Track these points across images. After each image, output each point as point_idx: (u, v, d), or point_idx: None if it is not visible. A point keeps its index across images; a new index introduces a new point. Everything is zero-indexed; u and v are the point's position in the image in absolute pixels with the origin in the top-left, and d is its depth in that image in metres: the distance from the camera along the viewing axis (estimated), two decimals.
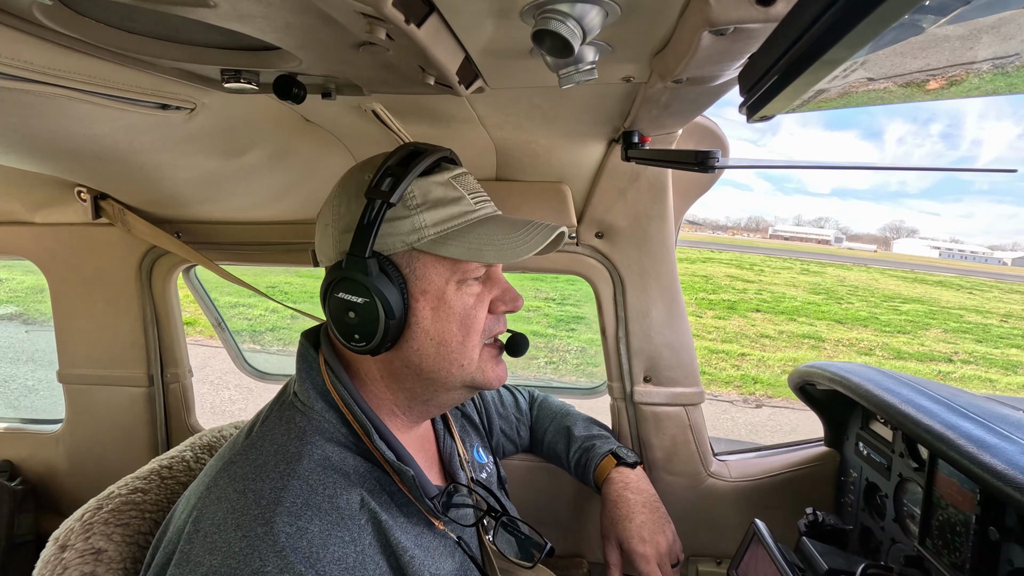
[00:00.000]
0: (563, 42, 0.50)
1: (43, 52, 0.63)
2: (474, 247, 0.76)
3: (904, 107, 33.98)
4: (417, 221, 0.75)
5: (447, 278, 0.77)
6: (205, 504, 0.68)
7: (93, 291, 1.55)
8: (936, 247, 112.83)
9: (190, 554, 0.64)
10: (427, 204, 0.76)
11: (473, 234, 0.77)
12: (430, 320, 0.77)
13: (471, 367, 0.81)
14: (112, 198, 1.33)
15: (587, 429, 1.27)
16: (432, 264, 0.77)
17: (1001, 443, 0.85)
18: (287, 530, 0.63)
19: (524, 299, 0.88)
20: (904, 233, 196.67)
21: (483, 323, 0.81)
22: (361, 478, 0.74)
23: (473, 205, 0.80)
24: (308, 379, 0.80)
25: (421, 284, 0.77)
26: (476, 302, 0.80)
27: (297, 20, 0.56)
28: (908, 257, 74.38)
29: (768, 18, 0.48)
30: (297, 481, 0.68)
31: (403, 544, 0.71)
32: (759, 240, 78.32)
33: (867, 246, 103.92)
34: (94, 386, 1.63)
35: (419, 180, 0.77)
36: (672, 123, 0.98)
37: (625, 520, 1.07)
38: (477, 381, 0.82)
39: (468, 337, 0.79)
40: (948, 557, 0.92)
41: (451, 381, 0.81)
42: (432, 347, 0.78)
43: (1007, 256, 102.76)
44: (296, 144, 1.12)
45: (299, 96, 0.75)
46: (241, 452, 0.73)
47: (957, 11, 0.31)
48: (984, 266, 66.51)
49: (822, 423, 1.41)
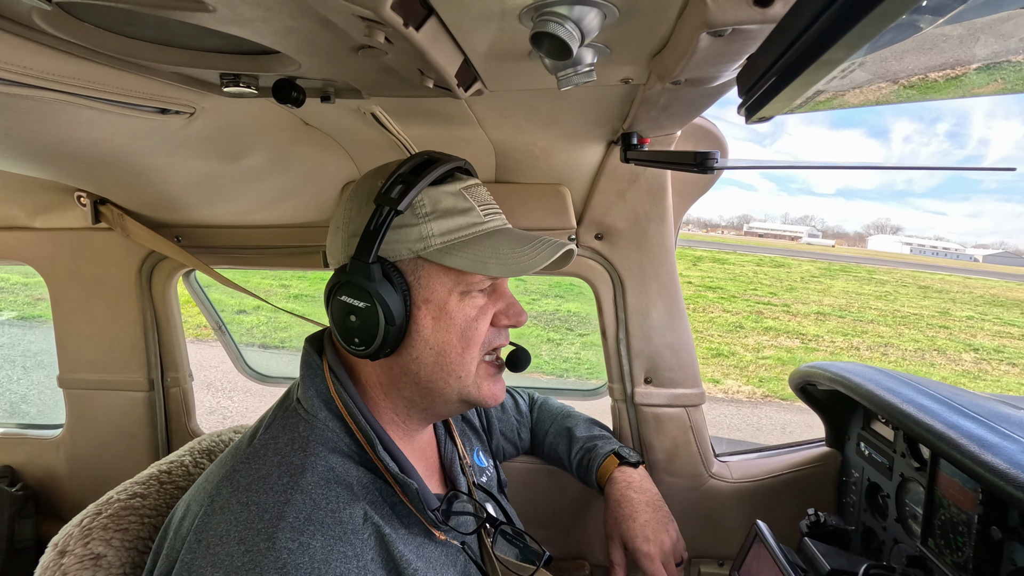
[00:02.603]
0: (561, 44, 0.50)
1: (42, 57, 0.63)
2: (479, 259, 0.76)
3: (910, 106, 33.98)
4: (424, 230, 0.76)
5: (450, 288, 0.78)
6: (208, 514, 0.68)
7: (93, 296, 1.55)
8: (908, 243, 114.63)
9: (192, 565, 0.64)
10: (436, 214, 0.76)
11: (479, 246, 0.77)
12: (431, 329, 0.77)
13: (467, 380, 0.80)
14: (112, 203, 1.33)
15: (588, 430, 1.27)
16: (436, 274, 0.77)
17: (1003, 442, 0.85)
18: (289, 546, 0.63)
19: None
20: (889, 230, 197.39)
21: (484, 336, 0.81)
22: (364, 490, 0.74)
23: (482, 217, 0.80)
24: (312, 386, 0.79)
25: (424, 293, 0.77)
26: (478, 314, 0.80)
27: (296, 24, 0.56)
28: (874, 253, 74.97)
29: (766, 19, 0.48)
30: (300, 495, 0.68)
31: (406, 557, 0.71)
32: (731, 237, 78.08)
33: (827, 241, 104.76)
34: (94, 391, 1.62)
35: (430, 189, 0.77)
36: (671, 124, 0.98)
37: (629, 519, 1.07)
38: (472, 396, 0.81)
39: (467, 349, 0.79)
40: (951, 557, 0.92)
41: (447, 392, 0.80)
42: (431, 356, 0.78)
43: (979, 253, 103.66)
44: (295, 148, 1.12)
45: (298, 100, 0.75)
46: (244, 460, 0.73)
47: (955, 11, 0.31)
48: (949, 261, 66.86)
49: (823, 423, 1.41)
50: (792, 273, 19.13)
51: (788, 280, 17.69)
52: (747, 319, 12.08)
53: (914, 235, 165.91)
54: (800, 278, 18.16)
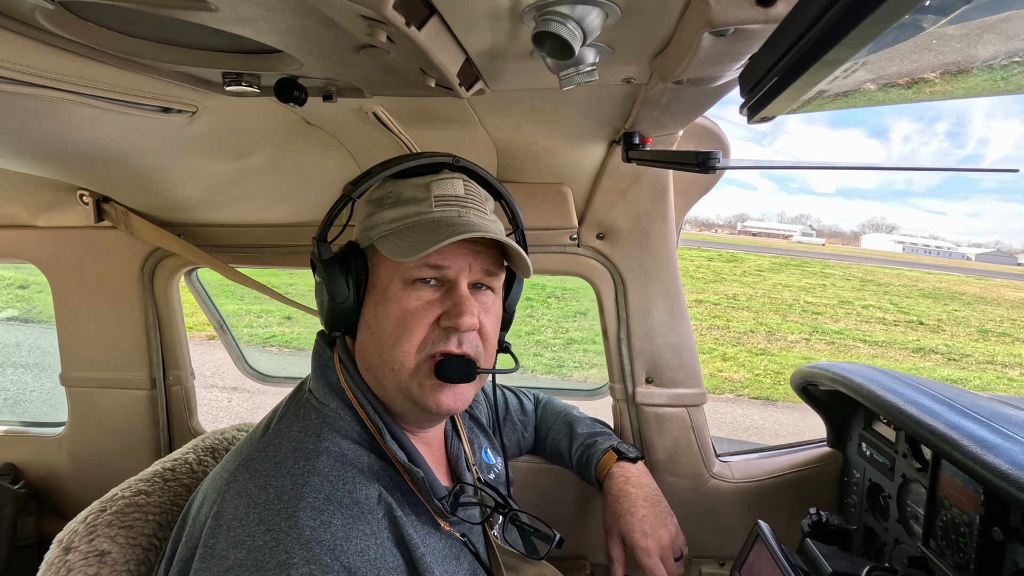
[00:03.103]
0: (563, 44, 0.50)
1: (45, 56, 0.64)
2: (396, 244, 0.78)
3: (910, 105, 33.80)
4: (379, 218, 0.81)
5: (392, 275, 0.80)
6: (225, 499, 0.68)
7: (95, 294, 1.56)
8: (900, 242, 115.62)
9: (215, 548, 0.65)
10: (394, 203, 0.81)
11: (408, 232, 0.78)
12: (372, 313, 0.80)
13: (403, 375, 0.77)
14: (115, 201, 1.34)
15: (590, 427, 1.28)
16: (383, 260, 0.81)
17: (1005, 443, 0.84)
18: (311, 524, 0.64)
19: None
20: (884, 229, 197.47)
21: (422, 331, 0.77)
22: (376, 474, 0.75)
23: (431, 207, 0.80)
24: (323, 377, 0.82)
25: (373, 278, 0.82)
26: (421, 307, 0.78)
27: (298, 23, 0.56)
28: (866, 252, 75.15)
29: (768, 19, 0.48)
30: (317, 477, 0.69)
31: (415, 541, 0.72)
32: (725, 236, 78.06)
33: (818, 240, 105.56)
34: (97, 389, 1.63)
35: (399, 182, 0.83)
36: (673, 124, 0.98)
37: (627, 514, 1.07)
38: (415, 396, 0.78)
39: (401, 340, 0.77)
40: (952, 558, 0.92)
41: (389, 386, 0.79)
42: (371, 342, 0.80)
43: (972, 252, 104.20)
44: (297, 147, 1.12)
45: (300, 99, 0.76)
46: (259, 449, 0.74)
47: (958, 11, 0.31)
48: (941, 260, 66.69)
49: (825, 424, 1.41)
50: (739, 267, 19.06)
51: (726, 273, 17.56)
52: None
53: (909, 234, 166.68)
54: (743, 272, 18.05)
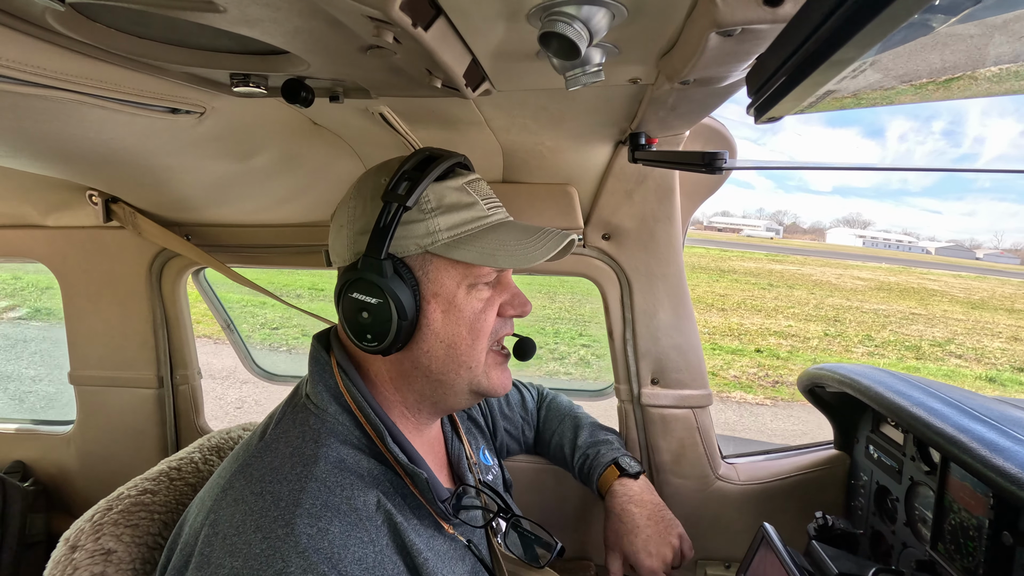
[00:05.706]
0: (570, 44, 0.50)
1: (55, 57, 0.64)
2: (487, 252, 0.77)
3: (906, 104, 34.87)
4: (431, 225, 0.77)
5: (458, 282, 0.79)
6: (222, 506, 0.68)
7: (104, 294, 1.57)
8: (861, 236, 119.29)
9: (210, 557, 0.64)
10: (441, 208, 0.77)
11: (485, 239, 0.78)
12: (440, 322, 0.78)
13: (477, 370, 0.82)
14: (123, 201, 1.35)
15: (592, 434, 1.26)
16: (444, 267, 0.78)
17: (1014, 446, 0.84)
18: (308, 531, 0.64)
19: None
20: (858, 225, 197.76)
21: (491, 326, 0.82)
22: (375, 480, 0.75)
23: (486, 211, 0.81)
24: (321, 381, 0.80)
25: (433, 287, 0.78)
26: (486, 306, 0.81)
27: (305, 24, 0.57)
28: (826, 246, 77.60)
29: (776, 19, 0.48)
30: (315, 483, 0.69)
31: (417, 546, 0.72)
32: (692, 231, 79.12)
33: (767, 234, 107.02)
34: (105, 387, 1.64)
35: (434, 185, 0.78)
36: (679, 124, 0.98)
37: (630, 535, 1.07)
38: (482, 386, 0.83)
39: (477, 340, 0.80)
40: (961, 562, 0.91)
41: (458, 384, 0.82)
42: (442, 349, 0.79)
43: (931, 245, 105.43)
44: (304, 148, 1.13)
45: (307, 100, 0.76)
46: (256, 454, 0.74)
47: (968, 10, 0.31)
48: (900, 253, 67.34)
49: (832, 426, 1.40)
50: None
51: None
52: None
53: (884, 230, 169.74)
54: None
